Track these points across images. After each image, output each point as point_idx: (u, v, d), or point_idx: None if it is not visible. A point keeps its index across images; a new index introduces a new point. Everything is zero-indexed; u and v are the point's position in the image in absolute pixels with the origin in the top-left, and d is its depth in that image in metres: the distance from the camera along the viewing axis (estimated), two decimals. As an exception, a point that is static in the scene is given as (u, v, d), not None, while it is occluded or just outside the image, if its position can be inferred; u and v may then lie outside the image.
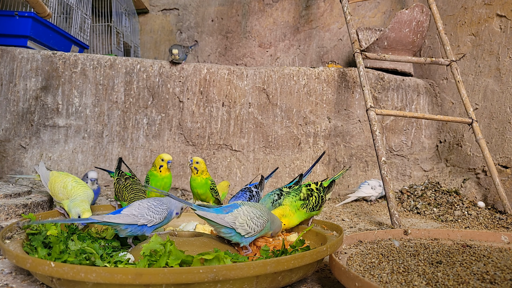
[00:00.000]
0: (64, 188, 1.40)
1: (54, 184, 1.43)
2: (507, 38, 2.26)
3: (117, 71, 2.38)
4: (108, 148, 2.35)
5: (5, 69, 2.28)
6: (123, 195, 1.50)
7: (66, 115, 2.32)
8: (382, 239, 1.29)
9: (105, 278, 0.76)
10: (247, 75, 2.47)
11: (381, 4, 3.33)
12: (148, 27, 3.84)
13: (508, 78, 2.23)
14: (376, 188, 2.30)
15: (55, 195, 1.42)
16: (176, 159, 2.41)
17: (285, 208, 1.37)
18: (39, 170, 1.52)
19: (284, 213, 1.36)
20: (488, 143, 2.28)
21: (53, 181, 1.44)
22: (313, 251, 0.94)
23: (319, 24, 3.45)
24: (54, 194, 1.42)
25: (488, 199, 2.21)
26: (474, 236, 1.34)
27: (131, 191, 1.50)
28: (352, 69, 2.54)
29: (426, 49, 2.88)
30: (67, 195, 1.39)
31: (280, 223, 1.29)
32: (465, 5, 2.54)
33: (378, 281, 0.90)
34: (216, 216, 1.11)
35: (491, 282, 0.87)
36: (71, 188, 1.40)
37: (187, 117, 2.42)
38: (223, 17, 3.65)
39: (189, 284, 0.80)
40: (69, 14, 2.85)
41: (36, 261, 0.83)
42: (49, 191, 1.45)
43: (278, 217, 1.33)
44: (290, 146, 2.48)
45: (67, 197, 1.38)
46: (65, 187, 1.40)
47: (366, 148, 2.53)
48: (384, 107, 2.53)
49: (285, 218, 1.36)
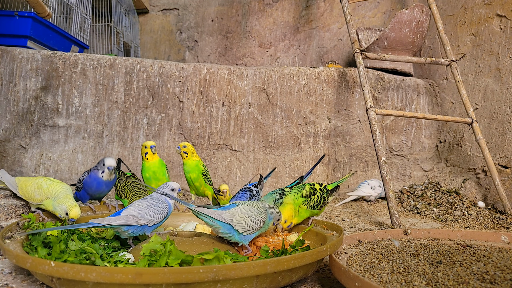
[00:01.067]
0: (39, 188, 1.35)
1: (26, 187, 1.39)
2: (507, 38, 2.26)
3: (117, 71, 2.38)
4: (108, 148, 2.35)
5: (5, 69, 2.28)
6: (125, 193, 1.51)
7: (66, 115, 2.32)
8: (382, 239, 1.29)
9: (105, 277, 0.76)
10: (247, 75, 2.47)
11: (381, 4, 3.33)
12: (148, 27, 3.84)
13: (508, 78, 2.23)
14: (376, 188, 2.30)
15: (31, 198, 1.37)
16: (176, 159, 2.41)
17: (290, 207, 1.36)
18: (3, 178, 1.49)
19: (292, 213, 1.35)
20: (488, 143, 2.28)
21: (24, 185, 1.40)
22: (313, 251, 0.94)
23: (319, 24, 3.45)
24: (29, 198, 1.37)
25: (488, 199, 2.21)
26: (474, 236, 1.34)
27: (133, 189, 1.51)
28: (352, 69, 2.54)
29: (426, 49, 2.88)
30: (45, 194, 1.33)
31: (279, 213, 1.28)
32: (465, 5, 2.54)
33: (378, 281, 0.90)
34: (213, 212, 1.11)
35: (491, 282, 0.87)
36: (46, 187, 1.35)
37: (187, 117, 2.42)
38: (223, 17, 3.65)
39: (189, 283, 0.80)
40: (69, 14, 2.85)
41: (36, 261, 0.83)
42: (22, 196, 1.41)
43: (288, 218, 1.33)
44: (290, 146, 2.48)
45: (46, 196, 1.33)
46: (39, 187, 1.35)
47: (366, 148, 2.53)
48: (384, 107, 2.53)
49: (293, 218, 1.35)
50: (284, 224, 1.34)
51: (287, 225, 1.35)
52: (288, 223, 1.35)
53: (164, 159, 2.38)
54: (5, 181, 1.48)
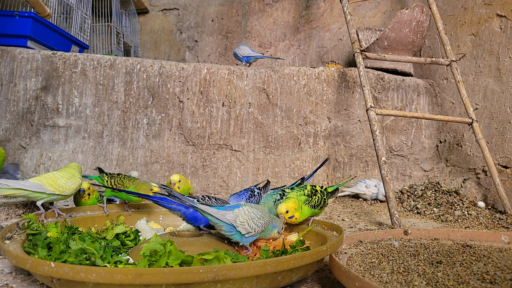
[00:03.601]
0: (71, 177, 1.44)
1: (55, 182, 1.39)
2: (507, 38, 2.26)
3: (117, 71, 2.38)
4: (108, 148, 2.35)
5: (5, 69, 2.28)
6: (124, 184, 1.55)
7: (66, 115, 2.32)
8: (382, 239, 1.29)
9: (105, 278, 0.76)
10: (247, 75, 2.47)
11: (381, 4, 3.33)
12: (148, 27, 3.84)
13: (508, 78, 2.23)
14: (371, 187, 2.30)
15: (65, 190, 1.40)
16: (176, 159, 2.41)
17: (293, 200, 1.36)
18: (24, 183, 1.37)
19: (295, 206, 1.35)
20: (488, 143, 2.28)
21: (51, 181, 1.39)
22: (313, 251, 0.94)
23: (319, 24, 3.45)
24: (64, 190, 1.39)
25: (488, 199, 2.21)
26: (474, 236, 1.34)
27: (130, 179, 1.57)
28: (352, 69, 2.54)
29: (426, 49, 2.88)
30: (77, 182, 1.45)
31: (281, 222, 1.28)
32: (465, 5, 2.54)
33: (378, 281, 0.90)
34: (218, 212, 1.12)
35: (491, 282, 0.87)
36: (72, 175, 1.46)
37: (187, 117, 2.42)
38: (223, 17, 3.65)
39: (189, 284, 0.80)
40: (69, 14, 2.85)
41: (36, 262, 0.83)
42: (56, 191, 1.38)
43: (291, 210, 1.32)
44: (290, 146, 2.48)
45: (79, 183, 1.46)
46: (71, 177, 1.44)
47: (366, 148, 2.53)
48: (384, 107, 2.53)
49: (296, 212, 1.35)
50: (286, 215, 1.33)
51: (289, 216, 1.33)
52: (290, 214, 1.33)
53: (164, 159, 2.38)
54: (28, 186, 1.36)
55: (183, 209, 1.28)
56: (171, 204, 1.27)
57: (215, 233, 1.28)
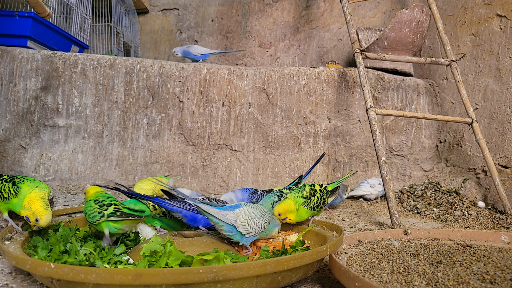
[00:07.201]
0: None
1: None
2: (507, 38, 2.26)
3: (117, 71, 2.38)
4: (108, 148, 2.35)
5: (5, 69, 2.28)
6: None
7: (66, 115, 2.32)
8: (382, 239, 1.29)
9: (105, 279, 0.76)
10: (247, 75, 2.47)
11: (381, 4, 3.32)
12: (148, 27, 3.84)
13: (508, 78, 2.23)
14: (375, 186, 2.30)
15: None
16: (176, 159, 2.41)
17: (290, 202, 1.36)
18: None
19: (290, 208, 1.35)
20: (488, 143, 2.28)
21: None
22: (313, 251, 0.94)
23: (319, 24, 3.45)
24: None
25: (488, 199, 2.21)
26: (474, 236, 1.34)
27: None
28: (352, 69, 2.54)
29: (426, 49, 2.88)
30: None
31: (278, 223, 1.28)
32: (465, 5, 2.54)
33: (378, 281, 0.90)
34: (218, 212, 1.12)
35: (491, 282, 0.87)
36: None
37: (187, 117, 2.42)
38: (223, 17, 3.65)
39: (189, 284, 0.80)
40: (69, 14, 2.85)
41: (35, 262, 0.83)
42: None
43: (284, 212, 1.32)
44: (290, 146, 2.48)
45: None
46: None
47: (366, 148, 2.53)
48: (384, 107, 2.53)
49: (291, 213, 1.35)
50: (279, 217, 1.33)
51: (282, 218, 1.34)
52: (283, 216, 1.34)
53: (164, 159, 2.38)
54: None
55: (184, 211, 1.29)
56: (172, 205, 1.28)
57: (214, 234, 1.28)
